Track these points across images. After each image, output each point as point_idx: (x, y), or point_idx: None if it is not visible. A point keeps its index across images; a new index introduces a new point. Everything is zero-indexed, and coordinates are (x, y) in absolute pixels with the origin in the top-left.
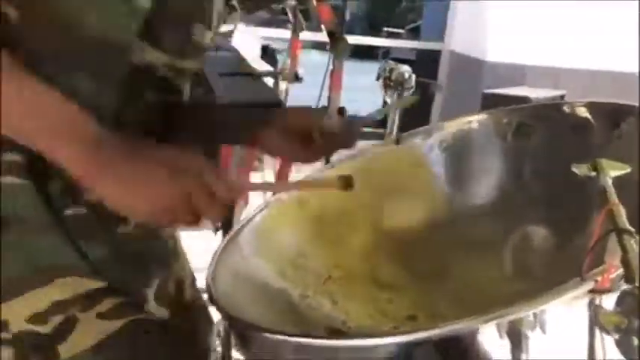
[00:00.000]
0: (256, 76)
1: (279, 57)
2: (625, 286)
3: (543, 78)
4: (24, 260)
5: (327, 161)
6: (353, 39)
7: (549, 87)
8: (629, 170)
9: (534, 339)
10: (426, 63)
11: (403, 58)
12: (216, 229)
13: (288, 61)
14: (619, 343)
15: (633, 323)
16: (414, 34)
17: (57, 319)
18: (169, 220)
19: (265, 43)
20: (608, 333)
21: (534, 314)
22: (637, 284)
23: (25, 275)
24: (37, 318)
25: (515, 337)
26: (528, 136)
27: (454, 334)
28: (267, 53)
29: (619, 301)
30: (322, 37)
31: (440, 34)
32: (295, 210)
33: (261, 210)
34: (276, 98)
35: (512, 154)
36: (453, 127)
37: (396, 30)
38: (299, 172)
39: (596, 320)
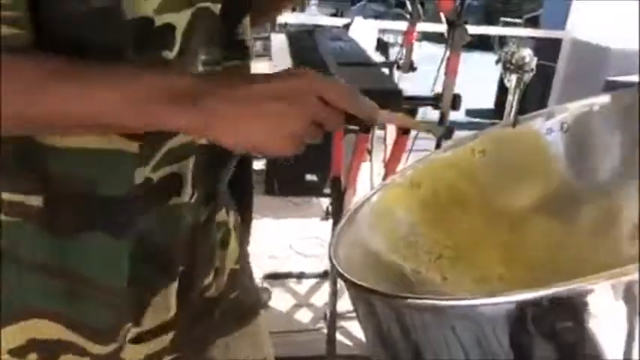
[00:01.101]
0: (374, 65)
1: (391, 50)
2: None
3: None
4: (15, 293)
5: (438, 146)
6: (471, 28)
7: None
8: None
9: None
10: (545, 53)
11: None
12: (326, 216)
13: (403, 51)
14: None
15: None
16: (533, 23)
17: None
18: (298, 144)
19: (379, 36)
20: None
21: None
22: None
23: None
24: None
25: (632, 302)
26: None
27: (570, 294)
28: (380, 45)
29: None
30: (437, 27)
31: (561, 23)
32: (409, 191)
33: (377, 190)
34: (396, 87)
35: (634, 137)
36: (574, 108)
37: (513, 20)
38: (408, 162)
39: None
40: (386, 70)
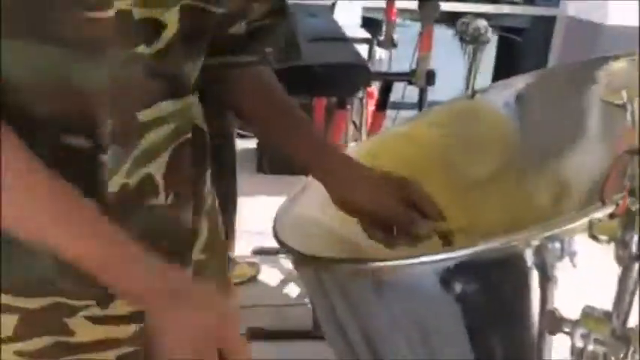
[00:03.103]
0: (347, 41)
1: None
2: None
3: None
4: None
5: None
6: (450, 5)
7: None
8: None
9: (563, 272)
10: (540, 30)
11: (517, 27)
12: None
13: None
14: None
15: (626, 235)
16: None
17: None
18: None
19: (369, 15)
20: (598, 240)
21: (562, 243)
22: None
23: None
24: None
25: (543, 267)
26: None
27: (485, 257)
28: (372, 23)
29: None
30: (411, 4)
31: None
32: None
33: None
34: (362, 61)
35: (587, 101)
36: (527, 80)
37: None
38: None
39: (590, 230)
40: (364, 47)
